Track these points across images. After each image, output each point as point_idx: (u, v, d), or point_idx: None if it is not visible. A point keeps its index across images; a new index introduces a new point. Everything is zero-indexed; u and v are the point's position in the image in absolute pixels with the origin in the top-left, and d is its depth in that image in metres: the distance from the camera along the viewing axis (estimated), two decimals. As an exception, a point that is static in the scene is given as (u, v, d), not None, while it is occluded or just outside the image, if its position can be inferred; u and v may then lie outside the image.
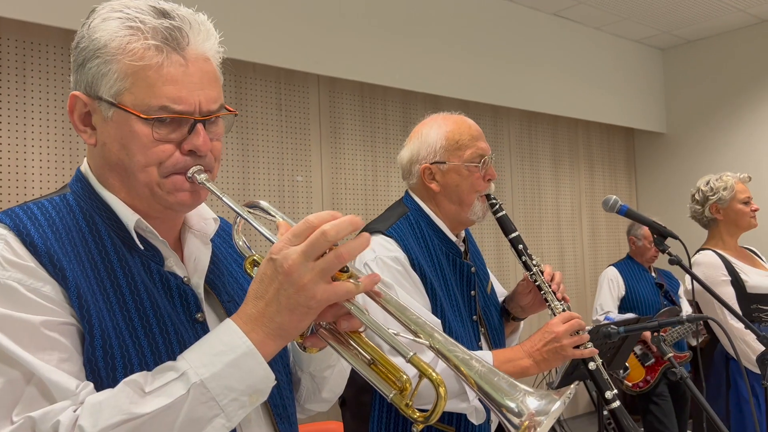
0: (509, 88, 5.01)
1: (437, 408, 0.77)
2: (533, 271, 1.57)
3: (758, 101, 5.59)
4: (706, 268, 2.64)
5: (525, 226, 5.44)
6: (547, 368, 1.47)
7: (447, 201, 1.60)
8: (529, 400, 0.75)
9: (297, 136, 4.11)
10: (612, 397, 1.45)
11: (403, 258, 1.49)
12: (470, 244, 1.71)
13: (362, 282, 0.80)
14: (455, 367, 0.78)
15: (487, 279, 1.72)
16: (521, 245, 1.59)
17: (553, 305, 1.53)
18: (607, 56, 5.81)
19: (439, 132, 1.60)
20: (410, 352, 0.78)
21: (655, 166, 6.30)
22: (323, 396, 1.07)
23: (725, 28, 5.68)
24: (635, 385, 3.70)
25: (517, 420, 0.74)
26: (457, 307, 1.55)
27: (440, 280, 1.54)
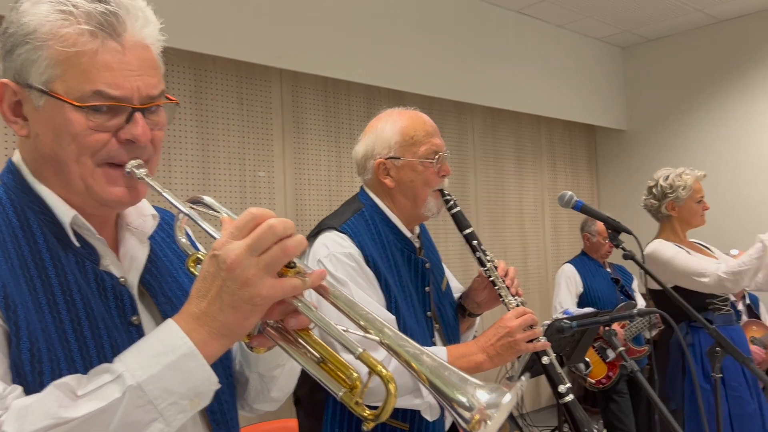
0: (473, 85, 5.03)
1: (387, 405, 0.75)
2: (487, 267, 1.57)
3: (714, 100, 5.72)
4: (663, 249, 2.69)
5: (489, 222, 5.47)
6: (500, 363, 1.47)
7: (401, 197, 1.59)
8: (480, 393, 0.74)
9: (259, 130, 4.06)
10: (565, 391, 1.46)
11: (357, 254, 1.48)
12: (425, 240, 1.70)
13: (309, 277, 0.78)
14: (406, 363, 0.77)
15: (442, 275, 1.72)
16: (475, 241, 1.59)
17: (507, 300, 1.53)
18: (570, 54, 5.87)
19: (394, 127, 1.59)
20: (359, 349, 0.76)
21: (617, 162, 6.40)
22: (272, 395, 1.04)
23: (684, 27, 5.79)
24: (598, 382, 3.75)
25: (468, 414, 0.73)
26: (411, 303, 1.54)
27: (395, 276, 1.53)
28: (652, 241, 2.81)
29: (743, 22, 5.54)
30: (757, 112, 5.47)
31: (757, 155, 5.47)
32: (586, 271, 3.99)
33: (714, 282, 2.53)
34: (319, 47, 4.05)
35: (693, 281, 2.60)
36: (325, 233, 1.52)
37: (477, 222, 5.37)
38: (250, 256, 0.74)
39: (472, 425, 0.72)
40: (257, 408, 1.07)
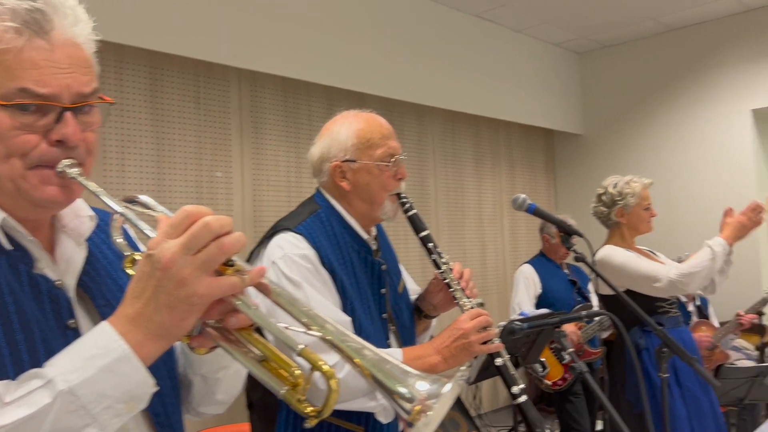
0: (433, 88, 5.06)
1: (329, 401, 0.75)
2: (442, 269, 1.58)
3: (666, 106, 5.88)
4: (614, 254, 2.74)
5: (448, 224, 5.51)
6: (455, 364, 1.48)
7: (358, 199, 1.58)
8: (420, 384, 0.74)
9: (216, 130, 4.00)
10: (519, 392, 1.47)
11: (312, 255, 1.46)
12: (382, 242, 1.70)
13: (248, 275, 0.76)
14: (348, 358, 0.77)
15: (399, 277, 1.71)
16: (431, 244, 1.60)
17: (462, 303, 1.54)
18: (528, 59, 5.96)
19: (350, 130, 1.58)
20: (300, 345, 0.76)
21: (573, 166, 6.52)
22: (218, 398, 1.02)
23: (639, 35, 5.94)
24: (554, 384, 3.79)
25: (409, 405, 0.73)
26: (367, 305, 1.54)
27: (351, 277, 1.52)
28: (603, 247, 2.87)
29: (693, 32, 5.72)
30: (706, 119, 5.65)
31: (705, 161, 5.64)
32: (544, 272, 4.02)
33: (665, 285, 2.59)
34: (278, 47, 4.01)
35: (645, 285, 2.66)
36: (280, 234, 1.50)
37: (437, 223, 5.40)
38: (185, 254, 0.72)
39: (413, 416, 0.72)
40: (203, 411, 1.05)
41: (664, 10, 5.36)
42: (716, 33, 5.59)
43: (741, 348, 4.69)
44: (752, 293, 4.50)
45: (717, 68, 5.60)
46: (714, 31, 5.60)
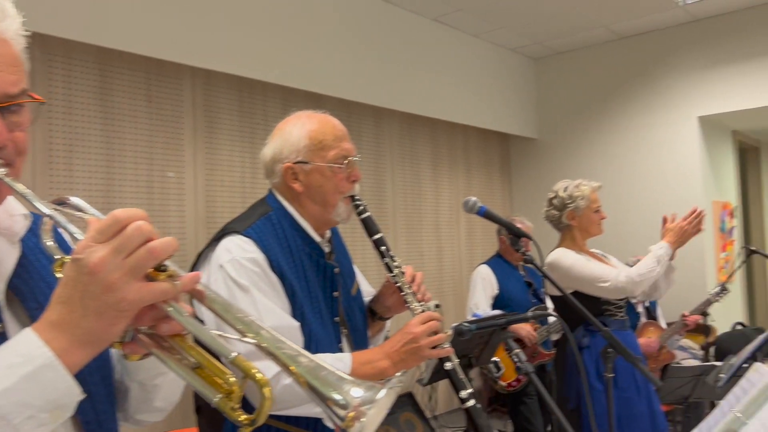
0: (390, 90, 5.07)
1: (263, 409, 0.73)
2: (395, 273, 1.57)
3: (617, 112, 6.03)
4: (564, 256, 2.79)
5: (405, 225, 5.53)
6: (405, 368, 1.47)
7: (310, 201, 1.56)
8: (355, 390, 0.74)
9: (168, 130, 3.92)
10: (467, 396, 1.48)
11: (261, 259, 1.44)
12: (336, 244, 1.68)
13: (181, 281, 0.75)
14: (283, 365, 0.76)
15: (353, 280, 1.70)
16: (384, 247, 1.59)
17: (413, 306, 1.53)
18: (484, 63, 6.03)
19: (302, 131, 1.55)
20: (232, 353, 0.74)
21: (528, 169, 6.63)
22: (156, 405, 0.99)
23: (591, 42, 6.07)
24: (509, 385, 3.83)
25: (343, 412, 0.73)
26: (318, 309, 1.52)
27: (301, 281, 1.50)
28: (554, 250, 2.91)
29: (643, 40, 5.88)
30: (655, 125, 5.81)
31: (653, 166, 5.80)
32: (501, 273, 4.05)
33: (613, 288, 2.65)
34: (233, 46, 3.96)
35: (593, 287, 2.71)
36: (228, 237, 1.47)
37: (394, 225, 5.41)
38: (113, 259, 0.70)
39: (347, 423, 0.72)
40: (141, 419, 1.02)
41: (616, 18, 5.50)
42: (665, 42, 5.76)
43: (687, 348, 4.84)
44: (697, 295, 4.65)
45: (665, 76, 5.76)
46: (663, 39, 5.77)
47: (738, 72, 5.40)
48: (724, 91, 5.46)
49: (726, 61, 5.45)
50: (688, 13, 5.44)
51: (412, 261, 5.55)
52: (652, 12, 5.39)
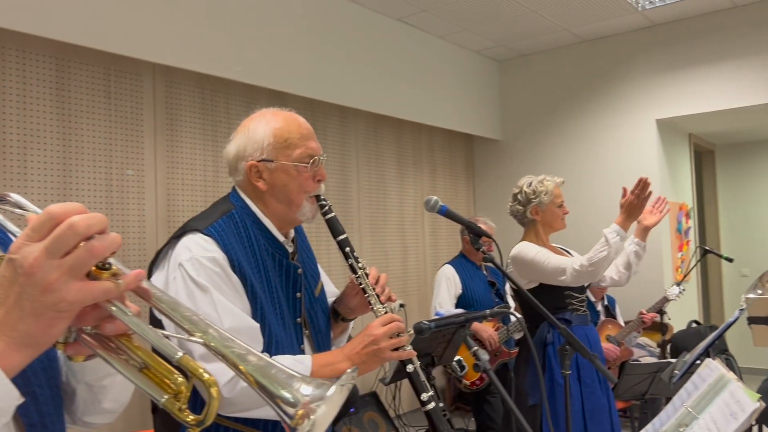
0: (356, 90, 5.06)
1: (210, 409, 0.72)
2: (359, 274, 1.56)
3: (579, 114, 6.14)
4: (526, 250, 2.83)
5: (370, 226, 5.53)
6: (366, 371, 1.46)
7: (275, 200, 1.53)
8: (304, 388, 0.74)
9: (128, 126, 3.84)
10: (427, 399, 1.48)
11: (221, 259, 1.41)
12: (300, 244, 1.66)
13: (124, 280, 0.73)
14: (232, 364, 0.75)
15: (317, 280, 1.68)
16: (348, 248, 1.57)
17: (376, 308, 1.52)
18: (449, 65, 6.07)
19: (267, 128, 1.52)
20: (178, 353, 0.73)
21: (492, 170, 6.69)
22: (105, 407, 0.97)
23: (554, 44, 6.17)
24: (472, 384, 3.87)
25: (292, 410, 0.72)
26: (280, 310, 1.50)
27: (263, 282, 1.47)
28: (517, 244, 2.95)
29: (604, 44, 5.99)
30: (615, 127, 5.93)
31: (613, 167, 5.91)
32: (464, 273, 4.10)
33: (571, 275, 2.70)
34: (195, 42, 3.90)
35: (554, 277, 2.76)
36: (188, 235, 1.44)
37: (359, 224, 5.41)
38: (50, 258, 0.67)
39: (296, 421, 0.71)
40: (89, 421, 0.99)
41: (578, 21, 5.59)
42: (625, 46, 5.88)
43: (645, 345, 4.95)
44: (655, 294, 4.76)
45: (625, 79, 5.89)
46: (623, 43, 5.89)
47: (694, 76, 5.54)
48: (681, 94, 5.60)
49: (683, 65, 5.59)
50: (646, 18, 5.56)
51: (377, 260, 5.56)
52: (612, 16, 5.50)
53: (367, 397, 4.88)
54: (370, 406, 4.83)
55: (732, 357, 5.22)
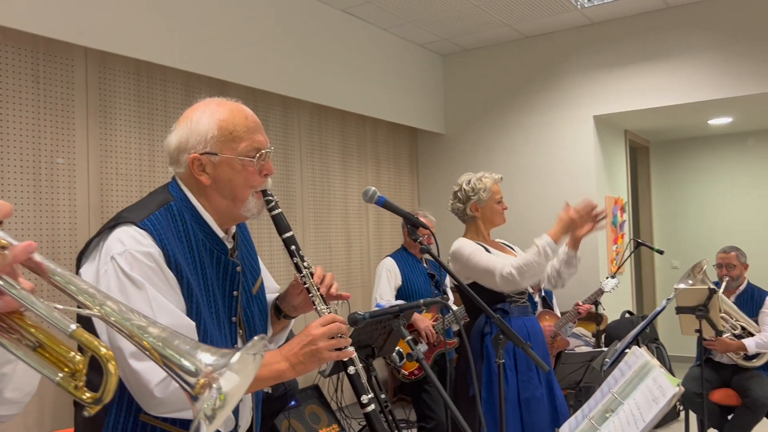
0: (299, 80, 5.00)
1: (108, 386, 0.70)
2: (303, 273, 1.52)
3: (520, 109, 6.25)
4: (463, 247, 2.86)
5: (314, 218, 5.49)
6: (304, 371, 1.43)
7: (218, 195, 1.46)
8: (206, 357, 0.72)
9: (58, 113, 3.68)
10: (367, 402, 1.46)
11: (156, 254, 1.35)
12: (241, 241, 1.60)
13: (11, 252, 0.69)
14: (129, 335, 0.72)
15: (256, 277, 1.63)
16: (294, 246, 1.53)
17: (320, 309, 1.49)
18: (394, 57, 6.07)
19: (212, 120, 1.45)
20: (71, 326, 0.70)
21: (436, 164, 6.75)
22: (7, 396, 0.91)
23: (496, 40, 6.25)
24: (410, 374, 3.90)
25: (193, 379, 0.71)
26: (215, 308, 1.45)
27: (199, 279, 1.42)
28: (457, 240, 2.98)
29: (545, 40, 6.11)
30: (554, 123, 6.06)
31: (553, 162, 6.05)
32: (405, 265, 4.14)
33: (500, 280, 2.73)
34: (130, 26, 3.77)
35: (485, 278, 2.80)
36: (122, 227, 1.37)
37: (302, 216, 5.36)
38: None
39: (197, 390, 0.70)
40: None
41: (519, 18, 5.68)
42: (565, 43, 6.02)
43: (580, 335, 5.10)
44: (591, 286, 4.90)
45: (565, 76, 6.02)
46: (563, 40, 6.03)
47: (630, 74, 5.72)
48: (618, 92, 5.78)
49: (620, 63, 5.76)
50: (585, 16, 5.70)
51: (321, 253, 5.53)
52: (552, 13, 5.61)
53: (309, 390, 4.85)
54: (312, 399, 4.81)
55: (662, 346, 5.44)
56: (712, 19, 5.39)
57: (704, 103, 5.53)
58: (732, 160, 7.42)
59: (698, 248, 6.98)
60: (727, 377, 4.22)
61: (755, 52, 5.23)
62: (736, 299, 4.24)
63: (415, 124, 6.41)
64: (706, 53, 5.41)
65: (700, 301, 3.85)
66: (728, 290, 4.22)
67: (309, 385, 4.95)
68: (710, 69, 5.40)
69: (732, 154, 7.43)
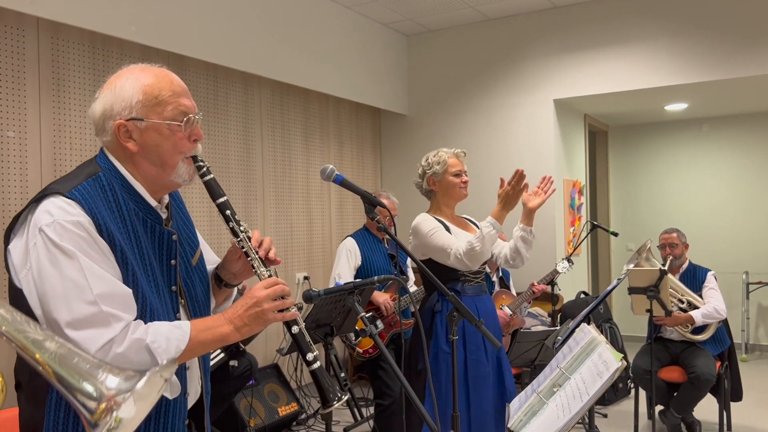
0: (261, 57, 4.93)
1: None
2: (240, 238, 1.53)
3: (483, 91, 6.28)
4: (423, 224, 2.89)
5: (275, 197, 5.45)
6: (249, 333, 1.45)
7: (147, 162, 1.45)
8: (110, 380, 0.68)
9: (8, 85, 3.56)
10: (312, 359, 1.48)
11: (86, 222, 1.32)
12: (175, 210, 1.59)
13: None
14: (23, 348, 0.68)
15: (195, 247, 1.62)
16: (228, 210, 1.53)
17: (259, 272, 1.51)
18: (358, 36, 6.03)
19: (136, 85, 1.43)
20: None
21: (399, 145, 6.75)
22: None
23: (460, 21, 6.25)
24: (365, 352, 3.93)
25: (93, 404, 0.67)
26: (153, 278, 1.44)
27: (134, 248, 1.40)
28: (419, 215, 2.99)
29: (507, 23, 6.14)
30: (515, 106, 6.12)
31: (513, 145, 6.12)
32: (365, 246, 4.15)
33: (453, 259, 2.77)
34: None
35: (439, 256, 2.83)
36: (49, 198, 1.34)
37: (263, 195, 5.32)
38: None
39: (97, 416, 0.66)
40: None
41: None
42: (527, 26, 6.06)
43: (537, 315, 5.21)
44: (548, 267, 5.00)
45: (526, 59, 6.07)
46: (526, 24, 6.07)
47: (590, 59, 5.80)
48: (577, 76, 5.85)
49: (580, 47, 5.83)
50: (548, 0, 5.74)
51: (282, 232, 5.50)
52: (516, -3, 5.63)
53: (269, 369, 4.86)
54: (271, 377, 4.82)
55: (615, 326, 5.59)
56: (670, 7, 5.49)
57: (661, 89, 5.65)
58: (687, 146, 7.62)
59: (653, 231, 7.16)
60: (675, 354, 4.37)
61: (711, 40, 5.36)
62: (680, 277, 4.40)
63: (379, 105, 6.39)
64: (663, 40, 5.52)
65: (652, 281, 3.97)
66: (672, 269, 4.37)
67: (268, 364, 4.95)
68: (667, 56, 5.51)
69: (687, 139, 7.62)
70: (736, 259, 7.21)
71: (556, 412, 1.53)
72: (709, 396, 4.29)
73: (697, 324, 4.19)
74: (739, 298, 7.09)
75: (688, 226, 5.52)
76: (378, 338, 1.58)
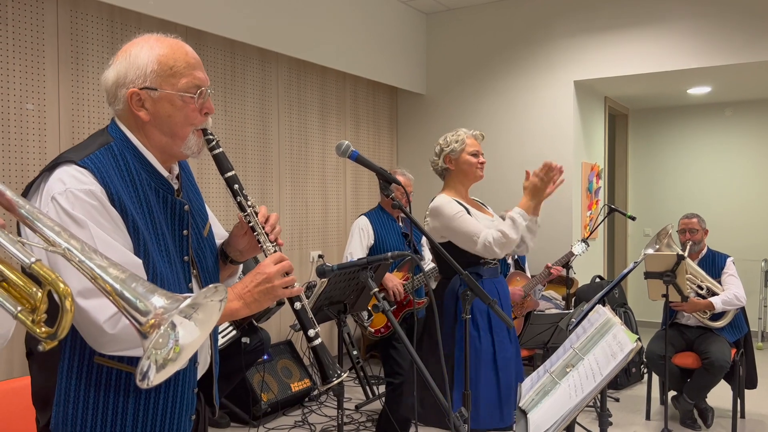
0: (278, 33, 4.91)
1: (63, 321, 0.70)
2: (247, 212, 1.53)
3: (502, 71, 6.21)
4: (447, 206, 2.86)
5: (291, 175, 5.45)
6: (257, 309, 1.45)
7: (158, 132, 1.44)
8: (158, 300, 0.76)
9: (28, 57, 3.58)
10: (314, 335, 1.49)
11: (99, 192, 1.32)
12: (186, 181, 1.59)
13: None
14: (91, 276, 0.74)
15: (205, 220, 1.62)
16: (237, 185, 1.53)
17: (266, 247, 1.51)
18: (376, 14, 5.97)
19: (151, 54, 1.42)
20: (31, 258, 0.70)
21: (416, 124, 6.71)
22: None
23: (480, 0, 6.17)
24: (377, 331, 3.93)
25: (144, 318, 0.75)
26: (165, 248, 1.44)
27: (146, 217, 1.40)
28: (437, 196, 2.97)
29: (530, 2, 6.05)
30: (535, 87, 6.05)
31: (532, 126, 6.06)
32: (379, 224, 4.13)
33: (480, 247, 2.76)
34: (103, -30, 3.64)
35: (466, 243, 2.81)
36: (62, 167, 1.34)
37: (279, 173, 5.32)
38: None
39: (145, 328, 0.74)
40: None
41: (505, -22, 5.60)
42: (548, 5, 5.96)
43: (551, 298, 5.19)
44: (563, 249, 4.97)
45: (547, 39, 5.98)
46: (546, 3, 5.97)
47: (612, 40, 5.70)
48: (598, 58, 5.76)
49: (601, 29, 5.73)
50: (571, -21, 5.64)
51: (297, 210, 5.51)
52: (538, -25, 5.53)
53: (282, 345, 4.90)
54: (285, 354, 4.86)
55: (630, 310, 5.56)
56: (696, -14, 5.37)
57: (684, 71, 5.55)
58: (709, 131, 7.50)
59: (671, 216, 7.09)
60: (690, 340, 4.34)
61: (736, 22, 5.23)
62: (699, 263, 4.35)
63: (396, 83, 6.34)
64: (687, 21, 5.40)
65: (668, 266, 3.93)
66: (691, 254, 4.32)
67: (282, 340, 5.00)
68: (691, 37, 5.40)
69: (709, 124, 7.50)
70: (755, 246, 7.12)
71: (569, 392, 1.52)
72: (723, 383, 4.26)
73: (717, 310, 4.16)
74: (757, 285, 7.01)
75: (707, 213, 5.44)
76: (391, 314, 1.58)
